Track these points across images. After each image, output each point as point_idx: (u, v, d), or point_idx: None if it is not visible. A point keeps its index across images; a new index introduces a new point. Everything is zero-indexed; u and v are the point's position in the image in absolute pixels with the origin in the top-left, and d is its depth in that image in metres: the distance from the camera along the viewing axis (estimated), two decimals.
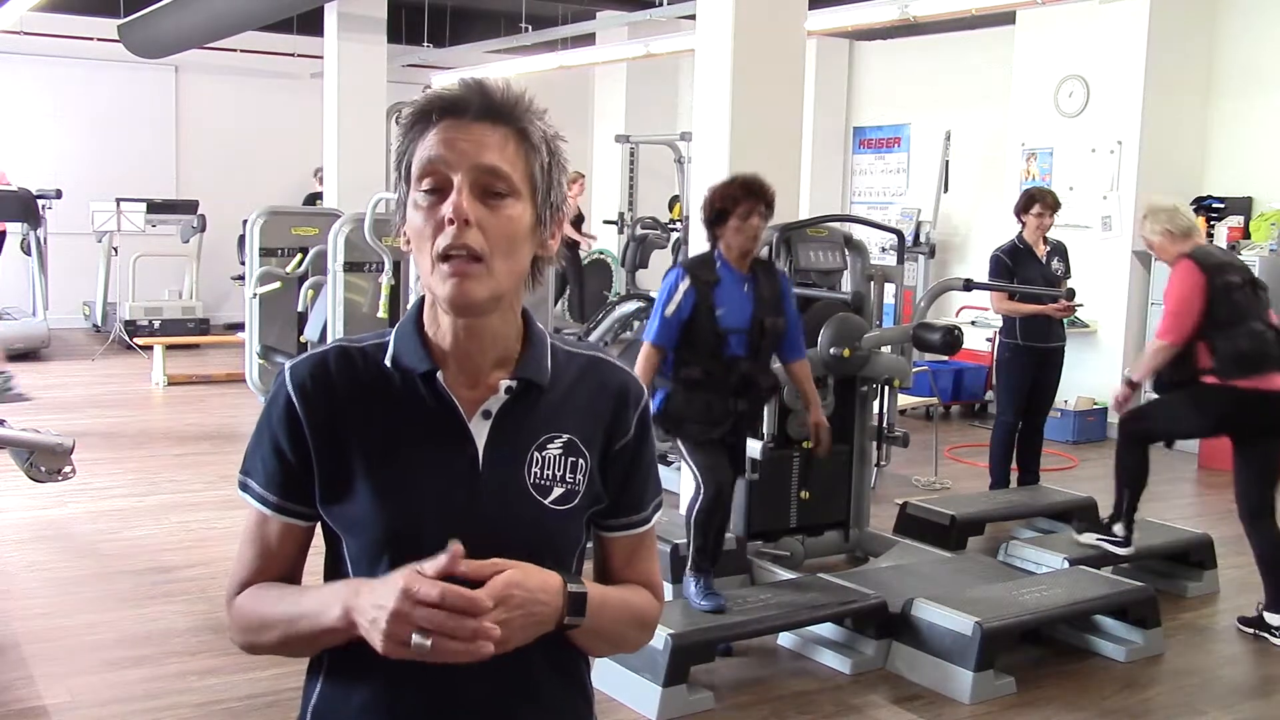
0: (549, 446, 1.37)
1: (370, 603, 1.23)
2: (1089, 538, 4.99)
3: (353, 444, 1.34)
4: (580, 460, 1.38)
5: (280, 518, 1.37)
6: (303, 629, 1.32)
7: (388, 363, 1.36)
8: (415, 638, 1.19)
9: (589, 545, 1.48)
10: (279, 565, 1.39)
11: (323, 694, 1.41)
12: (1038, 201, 5.98)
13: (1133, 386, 4.83)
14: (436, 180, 1.28)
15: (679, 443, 4.25)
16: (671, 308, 4.04)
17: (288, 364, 1.39)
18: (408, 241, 1.33)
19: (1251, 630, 4.66)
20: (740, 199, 4.05)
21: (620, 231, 12.01)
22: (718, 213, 4.09)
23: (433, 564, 1.21)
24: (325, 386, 1.35)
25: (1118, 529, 4.88)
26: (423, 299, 1.38)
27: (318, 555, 1.42)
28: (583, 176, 11.43)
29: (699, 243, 4.70)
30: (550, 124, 1.35)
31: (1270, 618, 4.59)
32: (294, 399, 1.35)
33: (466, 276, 1.27)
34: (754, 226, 4.07)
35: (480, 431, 1.35)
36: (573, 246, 10.47)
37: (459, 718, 1.36)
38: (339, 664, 1.38)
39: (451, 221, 1.26)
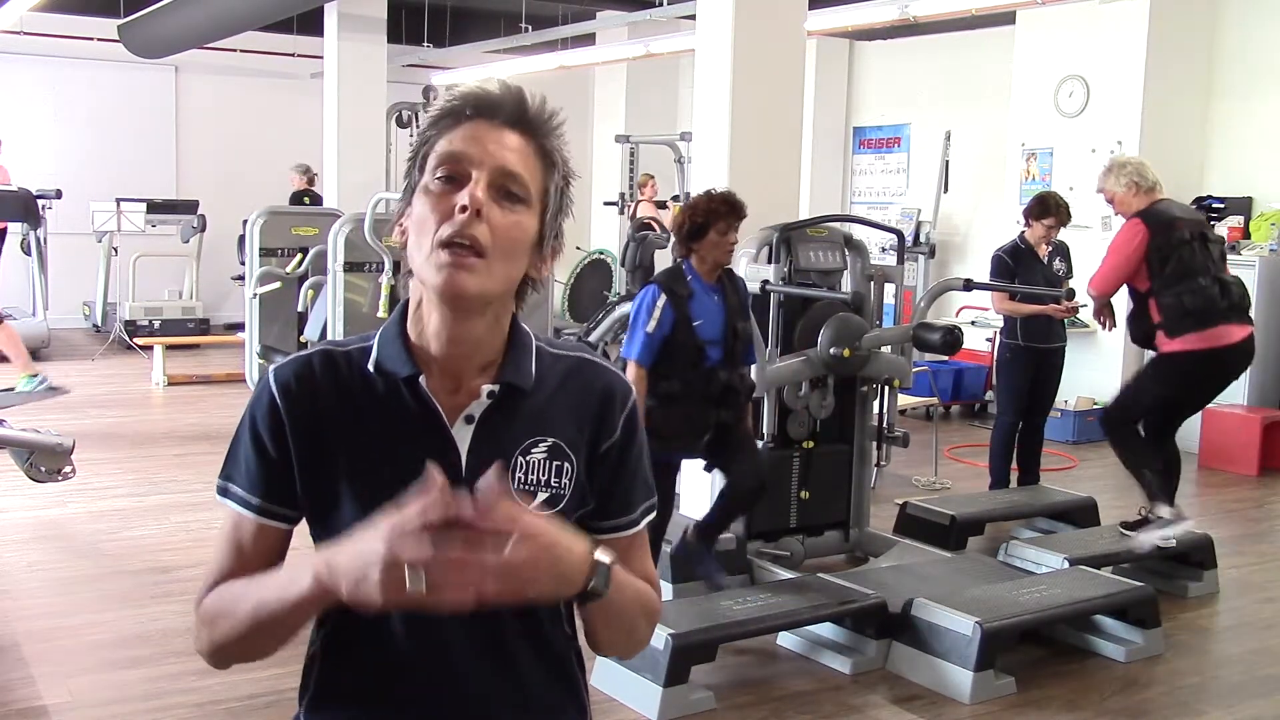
0: (533, 451, 1.36)
1: (352, 558, 1.16)
2: (1146, 539, 4.83)
3: (335, 449, 1.33)
4: (565, 464, 1.37)
5: (262, 520, 1.35)
6: (271, 610, 1.26)
7: (370, 367, 1.36)
8: (409, 580, 1.11)
9: None
10: (255, 570, 1.36)
11: (312, 703, 1.40)
12: (1053, 216, 5.92)
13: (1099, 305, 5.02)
14: (454, 170, 1.28)
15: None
16: (653, 324, 4.08)
17: (271, 367, 1.38)
18: (403, 232, 1.32)
19: (1132, 532, 4.86)
20: (722, 214, 4.12)
21: (621, 212, 12.06)
22: (698, 226, 4.14)
23: (422, 498, 1.13)
24: (309, 390, 1.35)
25: (1161, 511, 4.83)
26: (407, 303, 1.38)
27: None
28: (652, 178, 11.49)
29: None
30: (570, 153, 1.36)
31: (1160, 510, 4.84)
32: (278, 401, 1.34)
33: (462, 268, 1.26)
34: (731, 241, 4.17)
35: (463, 437, 1.34)
36: (647, 228, 10.49)
37: None
38: (329, 673, 1.38)
39: (464, 210, 1.25)
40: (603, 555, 1.27)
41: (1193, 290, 4.64)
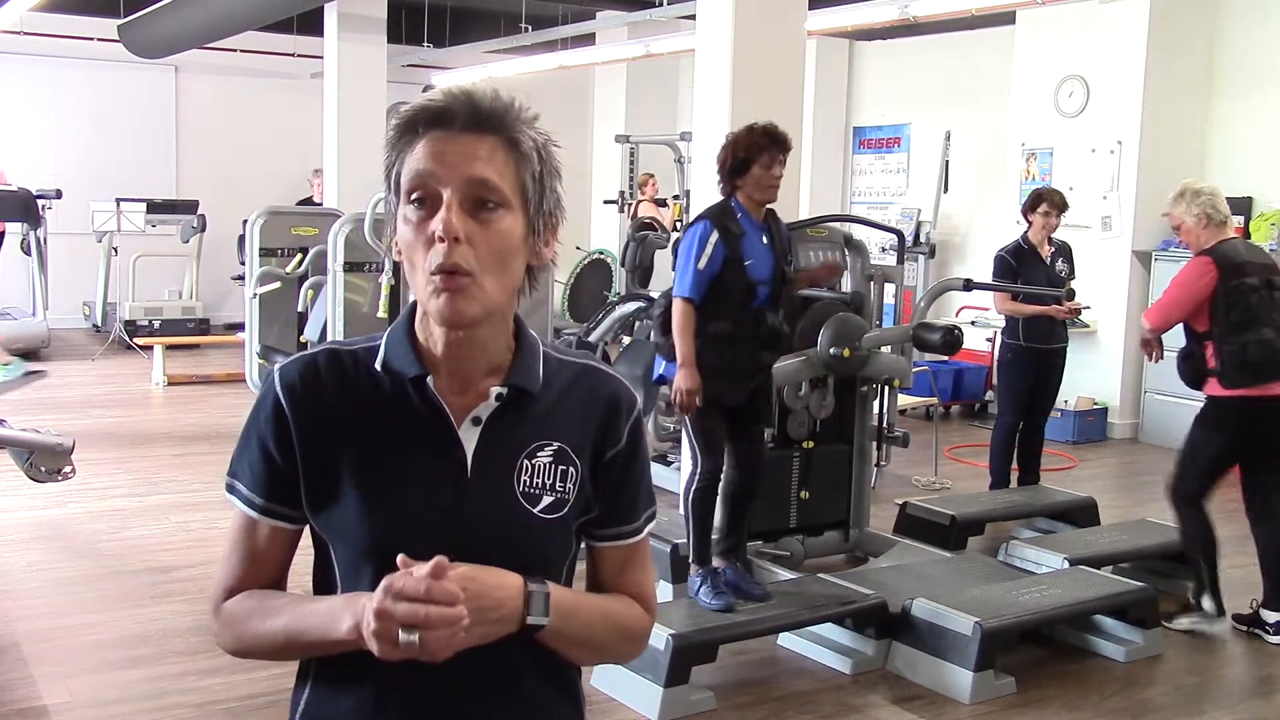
0: (539, 454, 1.36)
1: (365, 608, 1.22)
2: (1183, 623, 4.65)
3: (341, 448, 1.33)
4: (570, 469, 1.37)
5: (267, 520, 1.36)
6: (310, 640, 1.31)
7: (378, 367, 1.35)
8: (402, 635, 1.18)
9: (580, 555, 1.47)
10: (266, 569, 1.38)
11: (310, 699, 1.41)
12: (1045, 200, 5.96)
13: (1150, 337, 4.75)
14: (425, 194, 1.27)
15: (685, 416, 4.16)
16: (704, 261, 3.95)
17: (277, 366, 1.38)
18: (400, 251, 1.32)
19: (1245, 627, 4.64)
20: (765, 146, 4.00)
21: (620, 210, 12.05)
22: (741, 161, 4.02)
23: (416, 570, 1.21)
24: (314, 389, 1.34)
25: (1206, 604, 4.63)
26: (415, 303, 1.37)
27: (304, 555, 1.41)
28: (652, 177, 11.50)
29: None
30: (542, 130, 1.33)
31: (1266, 614, 4.58)
32: (283, 401, 1.34)
33: (458, 294, 1.26)
34: (776, 175, 4.03)
35: (470, 438, 1.34)
36: (648, 227, 10.48)
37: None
38: (326, 670, 1.38)
39: (441, 239, 1.25)
40: (536, 585, 1.30)
41: (1259, 342, 4.39)
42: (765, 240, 4.09)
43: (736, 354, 4.06)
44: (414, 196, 1.27)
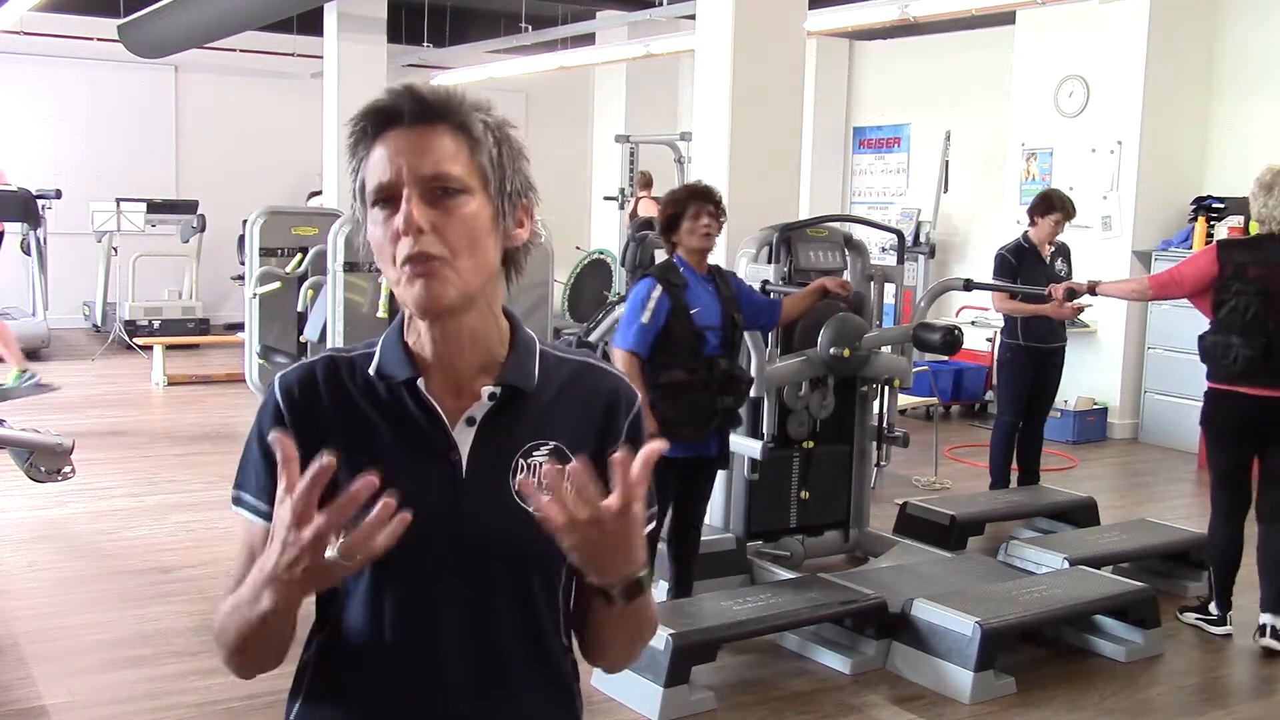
0: (535, 454, 1.35)
1: (271, 555, 1.18)
2: (1190, 618, 4.76)
3: (339, 454, 1.32)
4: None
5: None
6: (249, 623, 1.25)
7: (372, 373, 1.36)
8: (329, 552, 1.15)
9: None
10: None
11: (303, 711, 1.40)
12: (1058, 211, 5.93)
13: (1089, 291, 5.00)
14: (387, 195, 1.28)
15: None
16: (647, 315, 4.09)
17: (277, 374, 1.39)
18: (374, 255, 1.33)
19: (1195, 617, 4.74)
20: (687, 201, 4.20)
21: (620, 207, 12.05)
22: (670, 219, 4.22)
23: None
24: (312, 395, 1.35)
25: (1212, 608, 4.70)
26: None
27: None
28: (644, 174, 11.51)
29: None
30: (494, 113, 1.34)
31: (1266, 618, 4.54)
32: (282, 407, 1.35)
33: (431, 278, 1.26)
34: (705, 225, 4.20)
35: (464, 439, 1.34)
36: (648, 226, 10.45)
37: None
38: (319, 683, 1.38)
39: (405, 233, 1.26)
40: (644, 572, 1.29)
41: (1230, 345, 4.41)
42: (711, 289, 4.24)
43: (694, 400, 4.16)
44: (376, 197, 1.28)
